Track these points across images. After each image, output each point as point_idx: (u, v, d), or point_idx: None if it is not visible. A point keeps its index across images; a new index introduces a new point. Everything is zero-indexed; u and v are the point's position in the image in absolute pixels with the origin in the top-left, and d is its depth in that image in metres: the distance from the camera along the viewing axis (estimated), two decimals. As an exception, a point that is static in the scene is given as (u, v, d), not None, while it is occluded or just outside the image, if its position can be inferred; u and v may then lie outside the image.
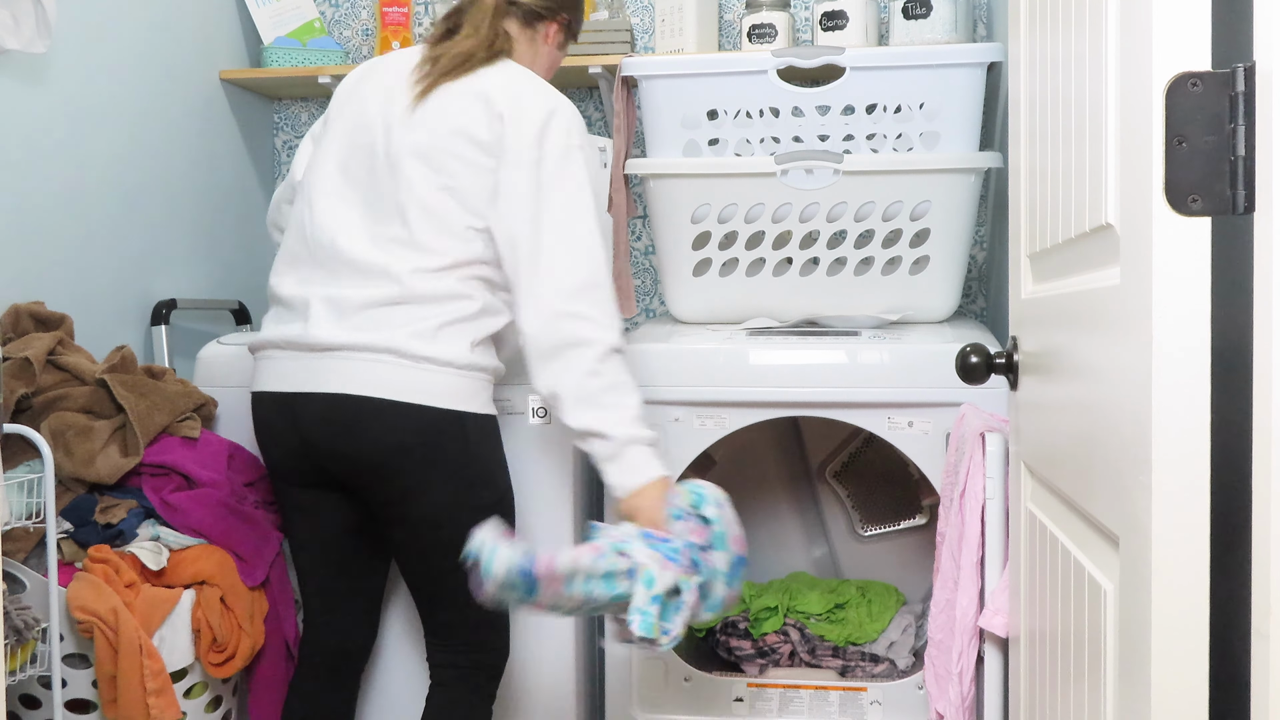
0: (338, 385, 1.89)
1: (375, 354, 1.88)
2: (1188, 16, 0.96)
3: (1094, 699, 1.18)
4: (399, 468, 1.90)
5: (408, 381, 1.88)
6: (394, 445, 1.89)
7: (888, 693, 2.20)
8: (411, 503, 1.92)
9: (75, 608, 1.80)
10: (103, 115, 2.36)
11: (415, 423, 1.89)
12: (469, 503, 1.94)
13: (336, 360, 1.89)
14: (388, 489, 1.92)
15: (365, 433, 1.89)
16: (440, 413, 1.90)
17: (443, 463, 1.92)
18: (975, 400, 1.98)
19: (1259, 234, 0.92)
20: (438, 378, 1.89)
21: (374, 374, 1.88)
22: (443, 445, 1.91)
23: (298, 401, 1.92)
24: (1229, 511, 0.97)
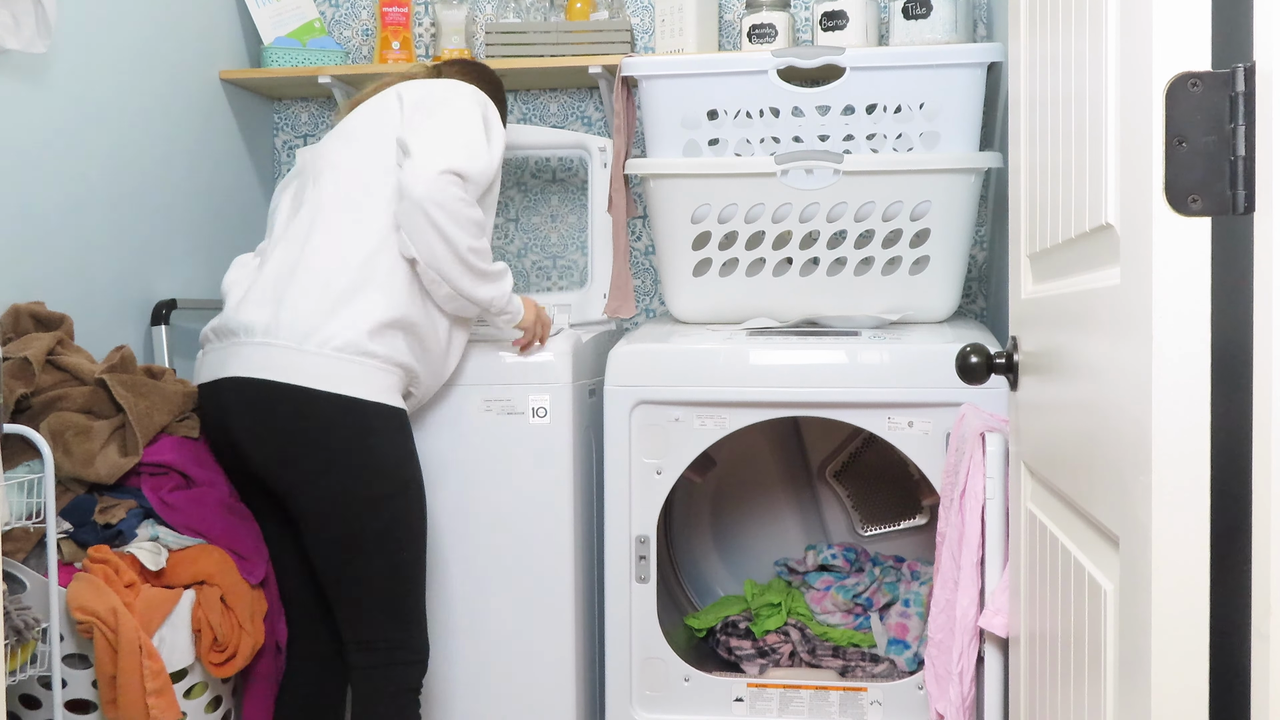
0: (241, 369, 1.97)
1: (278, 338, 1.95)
2: (1188, 16, 0.96)
3: (1094, 699, 1.18)
4: (293, 454, 1.95)
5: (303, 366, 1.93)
6: (289, 429, 1.94)
7: (888, 693, 2.20)
8: (305, 492, 1.95)
9: (75, 608, 1.79)
10: (103, 115, 2.36)
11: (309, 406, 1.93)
12: (362, 494, 1.95)
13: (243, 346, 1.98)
14: (284, 476, 1.96)
15: (261, 416, 1.95)
16: (334, 398, 1.92)
17: (336, 450, 1.94)
18: (975, 400, 1.98)
19: (1259, 234, 0.92)
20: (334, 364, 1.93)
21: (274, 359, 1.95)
22: (335, 432, 1.93)
23: (220, 388, 2.01)
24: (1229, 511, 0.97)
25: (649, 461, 2.21)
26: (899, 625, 2.33)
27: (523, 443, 2.24)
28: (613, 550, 2.23)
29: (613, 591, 2.24)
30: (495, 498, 2.26)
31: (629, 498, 2.22)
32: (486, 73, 2.35)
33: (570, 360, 2.27)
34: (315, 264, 1.99)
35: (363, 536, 1.97)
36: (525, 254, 3.02)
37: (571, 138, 2.70)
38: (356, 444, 1.95)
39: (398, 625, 2.02)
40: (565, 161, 3.00)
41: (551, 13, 2.88)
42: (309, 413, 1.93)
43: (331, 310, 1.95)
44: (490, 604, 2.27)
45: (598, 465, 2.35)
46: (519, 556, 2.26)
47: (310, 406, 1.93)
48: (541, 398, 2.24)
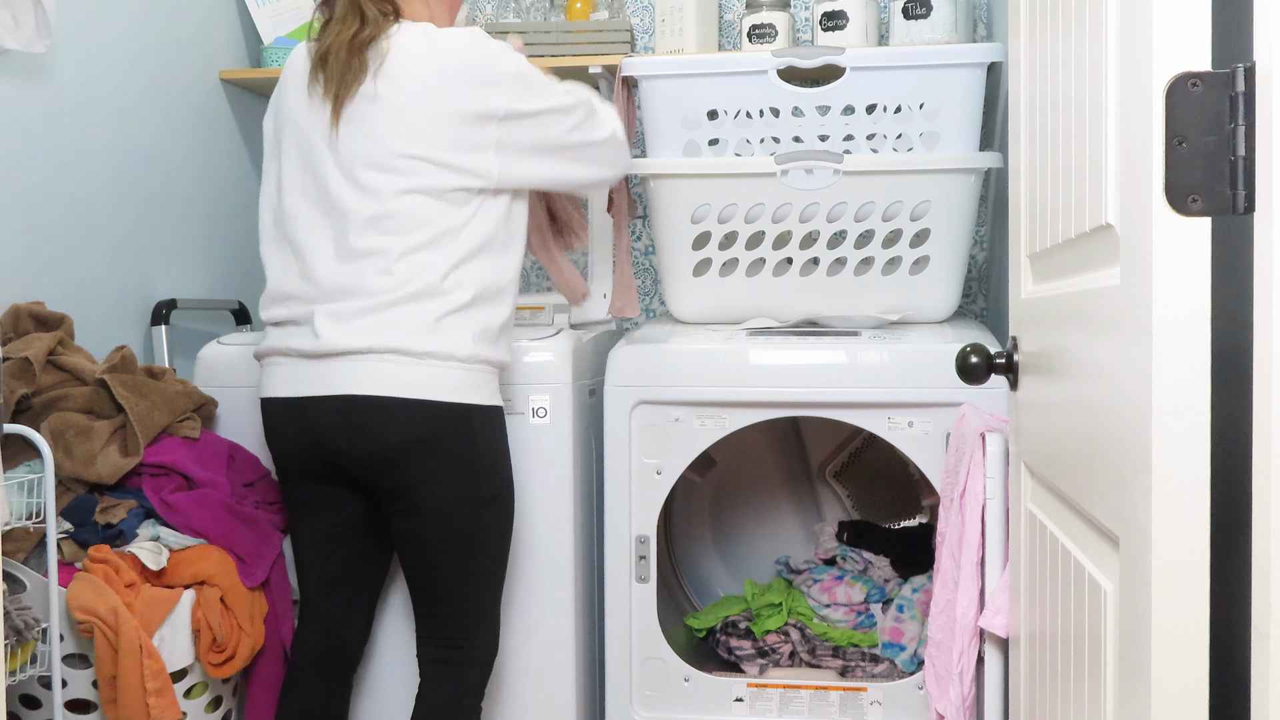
0: (346, 387, 1.91)
1: (380, 355, 1.89)
2: (1188, 16, 0.96)
3: (1094, 699, 1.18)
4: (407, 462, 1.93)
5: (413, 378, 1.89)
6: (402, 441, 1.91)
7: (888, 693, 2.20)
8: (418, 494, 1.94)
9: (75, 608, 1.79)
10: (103, 115, 2.36)
11: (422, 417, 1.90)
12: (473, 494, 1.97)
13: (344, 363, 1.91)
14: (396, 482, 1.94)
15: (375, 431, 1.91)
16: (446, 406, 1.91)
17: (449, 455, 1.94)
18: (975, 400, 1.98)
19: (1259, 234, 0.92)
20: (440, 372, 1.91)
21: (380, 373, 1.89)
22: (449, 438, 1.93)
23: (309, 405, 1.94)
24: (1229, 511, 0.97)
25: (649, 461, 2.21)
26: (894, 629, 2.33)
27: (523, 443, 2.24)
28: (613, 550, 2.23)
29: (613, 591, 2.24)
30: (495, 498, 2.26)
31: (629, 498, 2.22)
32: None
33: (570, 360, 2.27)
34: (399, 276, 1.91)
35: (468, 533, 1.98)
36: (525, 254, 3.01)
37: (571, 138, 2.70)
38: (468, 447, 1.95)
39: (480, 622, 2.05)
40: (565, 161, 2.99)
41: (551, 13, 2.88)
42: (420, 423, 1.91)
43: (435, 320, 1.91)
44: (490, 604, 2.27)
45: (598, 465, 2.35)
46: (519, 556, 2.26)
47: (426, 416, 1.91)
48: (541, 398, 2.24)
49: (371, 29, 1.93)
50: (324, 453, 1.96)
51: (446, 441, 1.93)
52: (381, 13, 1.95)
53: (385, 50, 1.91)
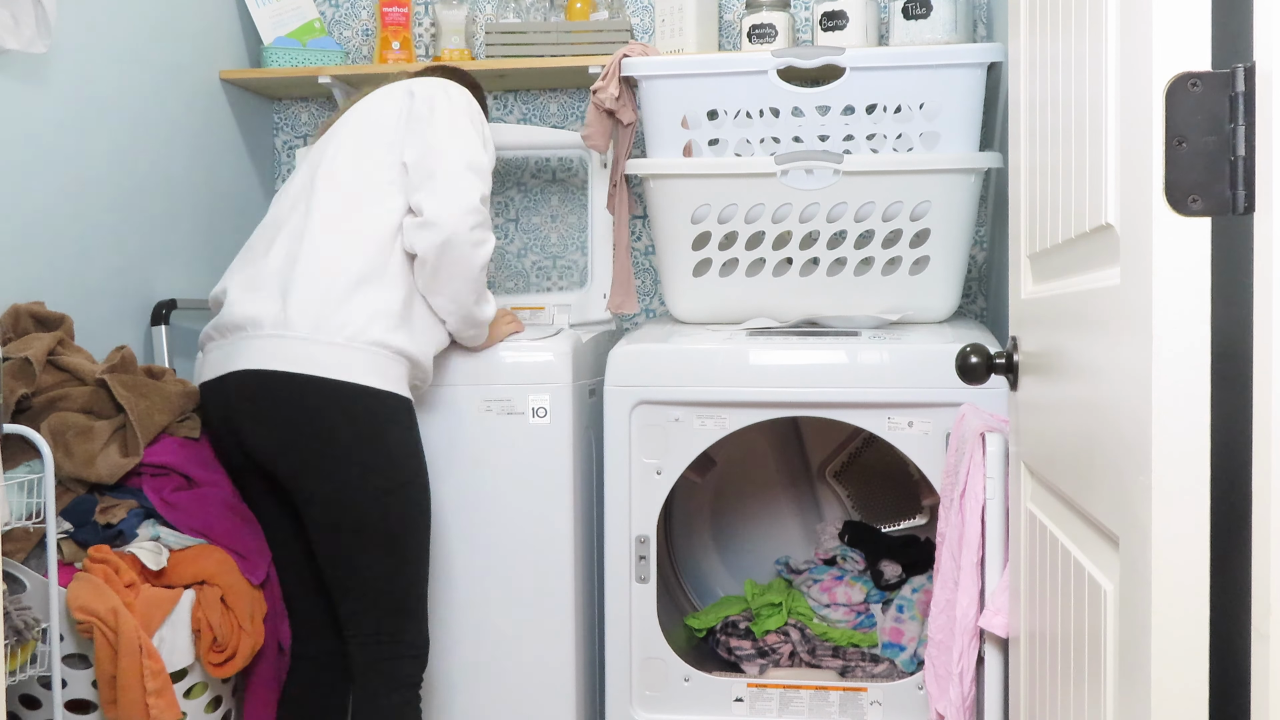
0: (252, 362, 1.96)
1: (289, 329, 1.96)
2: (1187, 17, 0.96)
3: (1094, 699, 1.18)
4: (299, 442, 1.95)
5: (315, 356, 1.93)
6: (291, 418, 1.94)
7: (888, 693, 2.20)
8: (315, 482, 1.96)
9: (75, 608, 1.79)
10: (103, 115, 2.36)
11: (323, 396, 1.94)
12: (374, 485, 1.97)
13: (253, 340, 1.97)
14: (290, 465, 1.97)
15: (275, 407, 1.95)
16: (338, 386, 1.93)
17: (340, 439, 1.95)
18: (975, 400, 1.98)
19: (1259, 234, 0.92)
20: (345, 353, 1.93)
21: (285, 350, 1.95)
22: (340, 420, 1.95)
23: (227, 383, 2.00)
24: (1229, 511, 0.97)
25: (649, 461, 2.21)
26: (894, 629, 2.33)
27: (523, 443, 2.24)
28: (613, 550, 2.23)
29: (613, 591, 2.24)
30: (495, 498, 2.26)
31: (629, 498, 2.22)
32: (467, 77, 2.36)
33: (570, 360, 2.27)
34: (321, 255, 2.00)
35: (371, 528, 1.98)
36: (525, 254, 3.02)
37: (571, 138, 2.70)
38: (368, 434, 1.96)
39: (401, 619, 2.03)
40: (565, 161, 3.00)
41: (551, 13, 2.88)
42: (321, 402, 1.94)
43: (341, 300, 1.96)
44: (490, 604, 2.27)
45: (598, 465, 2.35)
46: (519, 556, 2.26)
47: (323, 396, 1.93)
48: (541, 398, 2.24)
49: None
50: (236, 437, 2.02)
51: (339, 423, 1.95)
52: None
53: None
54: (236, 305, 2.02)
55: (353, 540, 1.98)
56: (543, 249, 3.02)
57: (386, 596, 2.02)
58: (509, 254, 3.02)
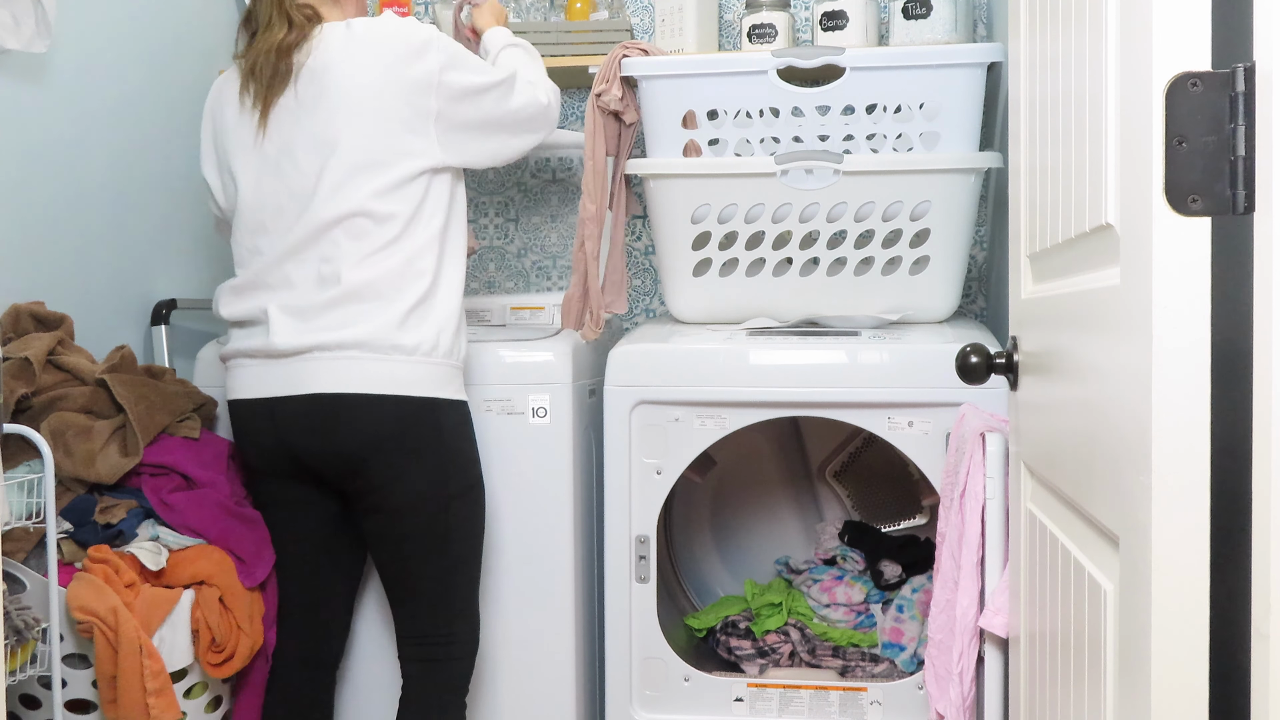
0: (312, 386, 1.94)
1: (345, 350, 1.92)
2: (1188, 16, 0.96)
3: (1094, 699, 1.18)
4: (375, 458, 1.94)
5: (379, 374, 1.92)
6: (370, 437, 1.93)
7: (888, 693, 2.20)
8: (387, 491, 1.96)
9: (75, 608, 1.79)
10: (102, 115, 2.36)
11: (390, 413, 1.92)
12: (443, 490, 1.99)
13: (309, 362, 1.94)
14: (365, 479, 1.97)
15: (343, 428, 1.94)
16: (414, 401, 1.93)
17: (417, 450, 1.96)
18: (975, 400, 1.98)
19: (1259, 234, 0.92)
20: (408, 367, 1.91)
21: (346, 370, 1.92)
22: (417, 433, 1.94)
23: (276, 406, 1.97)
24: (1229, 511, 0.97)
25: (649, 461, 2.21)
26: (894, 629, 2.33)
27: (523, 443, 2.24)
28: (613, 550, 2.23)
29: (613, 591, 2.24)
30: (495, 498, 2.26)
31: (629, 498, 2.22)
32: None
33: (570, 360, 2.27)
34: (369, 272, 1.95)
35: (438, 530, 2.00)
36: (525, 254, 3.02)
37: (571, 137, 2.70)
38: (441, 444, 1.99)
39: (456, 620, 2.06)
40: (565, 162, 3.00)
41: (551, 13, 2.88)
42: (392, 417, 1.94)
43: (399, 316, 1.94)
44: (490, 603, 2.27)
45: (598, 465, 2.35)
46: (519, 556, 2.26)
47: (387, 412, 1.94)
48: (541, 398, 2.24)
49: (297, 33, 1.97)
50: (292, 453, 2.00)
51: (415, 436, 1.95)
52: (305, 18, 2.00)
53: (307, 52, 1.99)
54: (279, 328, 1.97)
55: (418, 545, 2.01)
56: (543, 249, 3.01)
57: (445, 599, 2.04)
58: (509, 254, 3.02)
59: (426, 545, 2.01)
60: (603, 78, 2.38)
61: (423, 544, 2.01)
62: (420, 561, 2.01)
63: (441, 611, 2.04)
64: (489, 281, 3.03)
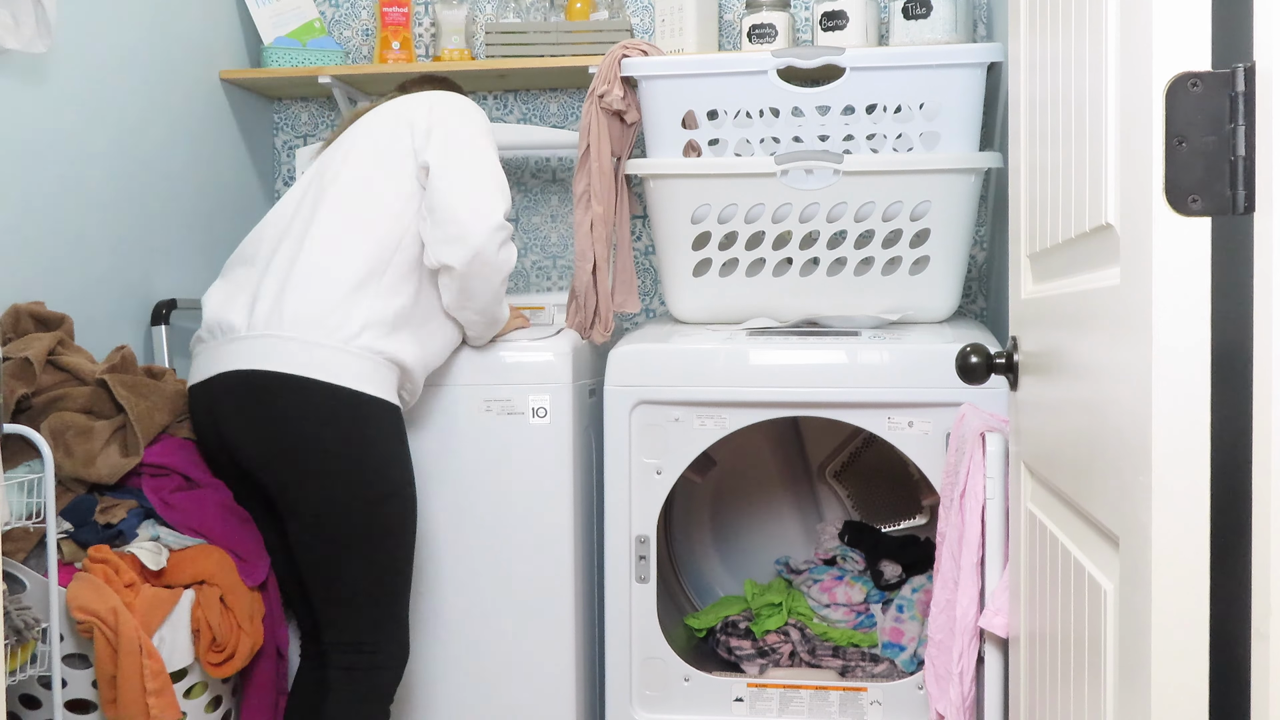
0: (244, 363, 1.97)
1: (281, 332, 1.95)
2: (1188, 16, 0.96)
3: (1094, 699, 1.18)
4: (284, 446, 1.94)
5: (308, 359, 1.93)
6: (291, 420, 1.94)
7: (888, 693, 2.20)
8: (299, 488, 1.96)
9: (75, 608, 1.79)
10: (103, 115, 2.36)
11: (314, 399, 1.93)
12: (359, 494, 1.97)
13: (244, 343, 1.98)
14: (276, 472, 1.97)
15: (267, 409, 1.95)
16: (340, 391, 1.93)
17: (327, 443, 1.94)
18: (975, 400, 1.98)
19: (1259, 234, 0.92)
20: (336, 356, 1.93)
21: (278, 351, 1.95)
22: (338, 425, 1.94)
23: (214, 385, 2.00)
24: (1229, 511, 0.97)
25: (649, 461, 2.21)
26: (894, 629, 2.33)
27: (523, 443, 2.24)
28: (613, 550, 2.23)
29: (613, 591, 2.24)
30: (495, 498, 2.26)
31: (629, 498, 2.22)
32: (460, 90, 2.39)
33: (570, 360, 2.27)
34: (318, 260, 1.99)
35: (355, 536, 1.97)
36: (525, 254, 3.02)
37: (571, 138, 2.70)
38: (355, 439, 1.96)
39: (381, 630, 2.02)
40: (565, 161, 3.00)
41: (551, 13, 2.88)
42: (308, 404, 1.93)
43: (335, 304, 1.96)
44: (490, 604, 2.27)
45: (598, 465, 2.35)
46: (519, 556, 2.26)
47: (310, 397, 1.93)
48: (541, 398, 2.24)
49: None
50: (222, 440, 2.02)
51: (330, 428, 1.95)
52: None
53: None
54: (225, 306, 2.03)
55: (335, 550, 1.98)
56: (543, 249, 3.02)
57: (368, 607, 2.01)
58: (509, 254, 3.02)
59: (342, 551, 1.98)
60: (603, 78, 2.38)
61: (337, 550, 1.98)
62: (336, 569, 1.98)
63: (363, 622, 2.01)
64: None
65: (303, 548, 2.00)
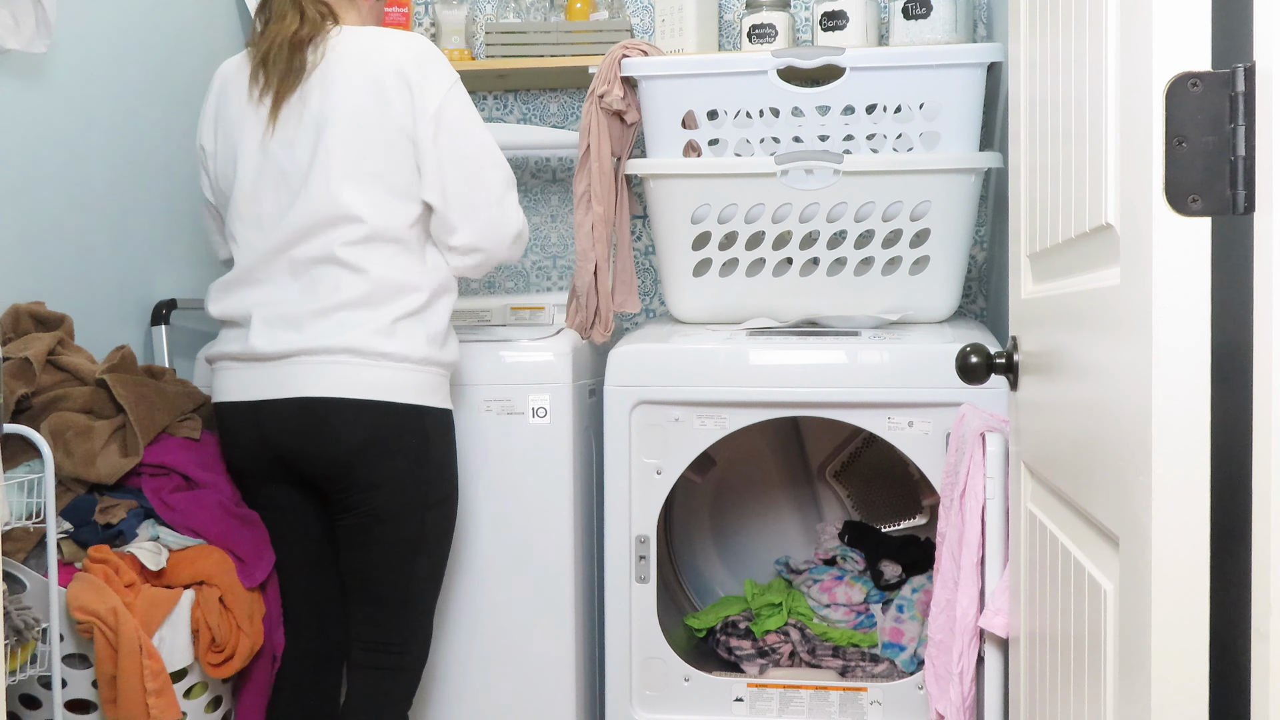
0: (299, 390, 1.94)
1: (333, 355, 1.92)
2: (1188, 16, 0.96)
3: (1094, 699, 1.18)
4: (359, 463, 1.95)
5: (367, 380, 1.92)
6: (356, 442, 1.94)
7: (888, 693, 2.20)
8: (367, 495, 1.96)
9: (75, 608, 1.79)
10: (103, 115, 2.36)
11: (375, 419, 1.93)
12: (423, 498, 1.99)
13: (296, 365, 1.94)
14: (346, 483, 1.97)
15: (329, 432, 1.94)
16: (399, 407, 1.94)
17: (400, 457, 1.96)
18: (975, 400, 1.98)
19: (1259, 234, 0.92)
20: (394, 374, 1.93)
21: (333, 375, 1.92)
22: (401, 440, 1.95)
23: (261, 408, 1.98)
24: (1229, 511, 0.97)
25: (649, 461, 2.21)
26: (894, 629, 2.33)
27: (523, 443, 2.24)
28: (613, 550, 2.23)
29: (613, 591, 2.24)
30: (495, 498, 2.26)
31: (629, 498, 2.22)
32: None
33: (570, 360, 2.27)
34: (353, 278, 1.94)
35: (406, 540, 2.00)
36: (525, 254, 3.02)
37: (571, 138, 2.70)
38: (421, 451, 1.98)
39: (413, 628, 2.04)
40: (565, 161, 3.00)
41: (551, 13, 2.88)
42: (377, 424, 1.94)
43: (387, 321, 1.93)
44: (490, 603, 2.27)
45: (598, 465, 2.35)
46: (519, 556, 2.26)
47: (378, 418, 1.94)
48: (541, 398, 2.24)
49: (310, 29, 1.96)
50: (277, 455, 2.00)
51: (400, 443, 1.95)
52: (320, 15, 1.98)
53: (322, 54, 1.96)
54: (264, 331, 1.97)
55: (387, 552, 2.00)
56: (543, 249, 3.02)
57: (406, 608, 2.03)
58: (509, 254, 3.02)
59: (397, 553, 2.00)
60: (603, 78, 2.38)
61: (393, 552, 1.99)
62: (387, 569, 2.00)
63: (400, 621, 2.02)
64: (489, 281, 3.03)
65: (353, 547, 2.01)
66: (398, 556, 2.00)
